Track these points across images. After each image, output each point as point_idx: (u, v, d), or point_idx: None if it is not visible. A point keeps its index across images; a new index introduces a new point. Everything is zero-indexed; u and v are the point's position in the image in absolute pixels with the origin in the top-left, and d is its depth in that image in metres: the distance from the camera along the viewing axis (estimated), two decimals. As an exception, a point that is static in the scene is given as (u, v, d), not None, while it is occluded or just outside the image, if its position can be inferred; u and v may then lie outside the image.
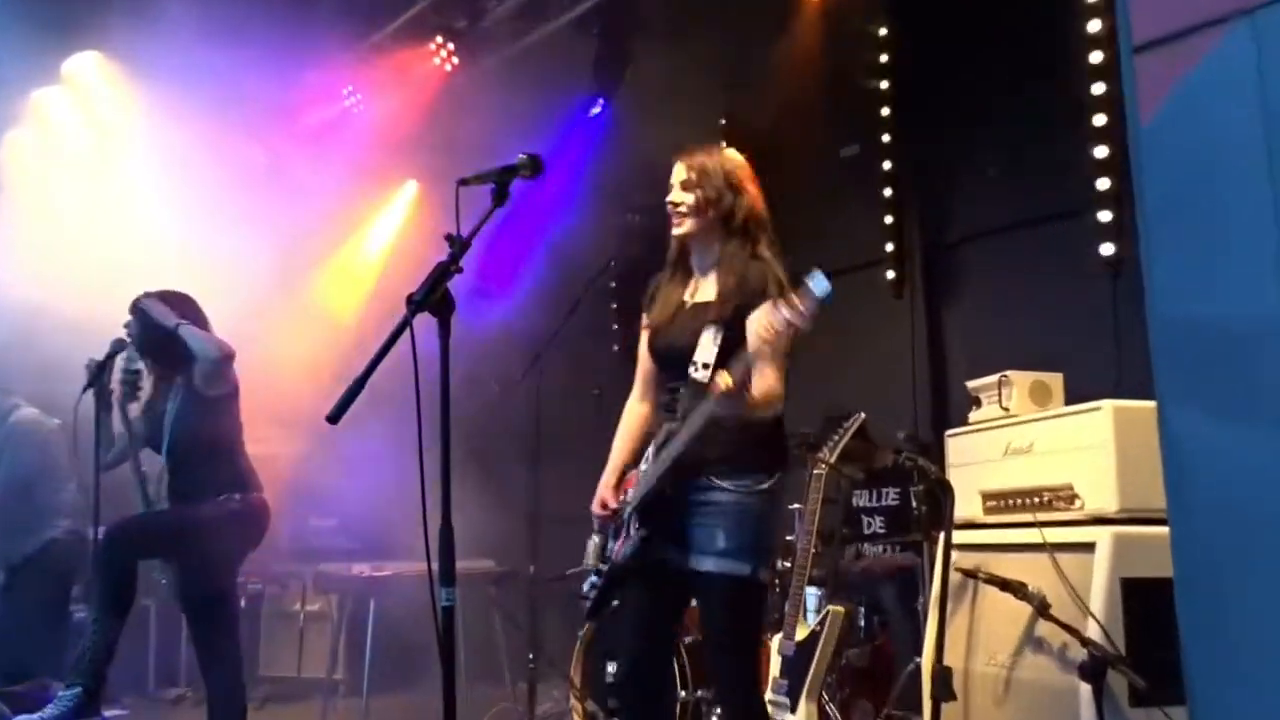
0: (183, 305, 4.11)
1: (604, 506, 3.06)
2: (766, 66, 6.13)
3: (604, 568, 3.03)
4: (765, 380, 2.78)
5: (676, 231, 2.98)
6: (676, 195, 2.96)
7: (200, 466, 4.02)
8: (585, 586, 3.12)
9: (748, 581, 2.85)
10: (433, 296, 2.34)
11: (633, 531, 2.94)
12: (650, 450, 2.99)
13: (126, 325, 4.13)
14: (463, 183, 2.48)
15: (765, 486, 2.88)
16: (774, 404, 2.83)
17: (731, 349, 2.77)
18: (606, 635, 4.78)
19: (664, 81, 6.19)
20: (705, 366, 2.83)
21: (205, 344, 3.96)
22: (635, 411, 3.16)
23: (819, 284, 2.53)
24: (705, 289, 2.99)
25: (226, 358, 3.97)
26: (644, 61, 6.42)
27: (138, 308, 4.09)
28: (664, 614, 3.04)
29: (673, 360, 2.96)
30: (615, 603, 3.07)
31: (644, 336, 3.12)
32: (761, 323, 2.62)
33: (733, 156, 3.02)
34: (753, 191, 2.97)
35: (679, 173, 2.98)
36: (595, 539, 3.16)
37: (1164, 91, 1.56)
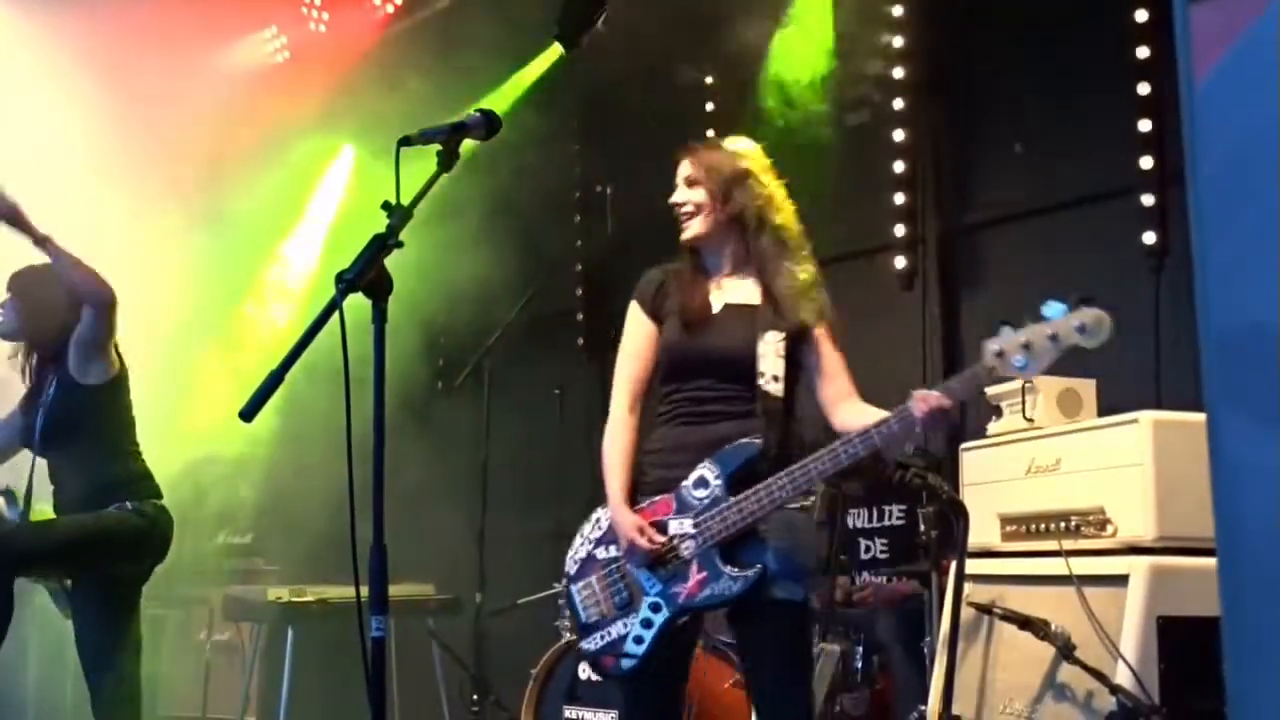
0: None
1: (649, 539, 2.94)
2: (758, 18, 6.12)
3: (651, 616, 2.94)
4: None
5: (685, 235, 3.10)
6: (680, 194, 3.09)
7: (83, 469, 3.97)
8: (599, 641, 3.00)
9: (804, 605, 2.97)
10: (367, 275, 2.32)
11: (725, 570, 2.88)
12: (709, 469, 2.93)
13: (2, 305, 4.08)
14: (405, 142, 2.47)
15: (808, 504, 3.09)
16: None
17: (795, 364, 2.99)
18: (564, 674, 4.77)
19: (640, 33, 6.18)
20: (776, 379, 2.95)
21: (89, 279, 3.83)
22: (629, 426, 3.09)
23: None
24: (739, 291, 3.08)
25: (107, 303, 3.86)
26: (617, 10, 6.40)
27: (19, 284, 4.05)
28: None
29: (713, 366, 3.01)
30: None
31: (643, 335, 3.13)
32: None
33: (743, 149, 3.13)
34: (766, 185, 3.07)
35: (683, 169, 3.10)
36: (594, 582, 3.04)
37: (1223, 46, 1.55)
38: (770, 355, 2.96)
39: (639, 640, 2.94)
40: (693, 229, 3.07)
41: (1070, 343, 2.61)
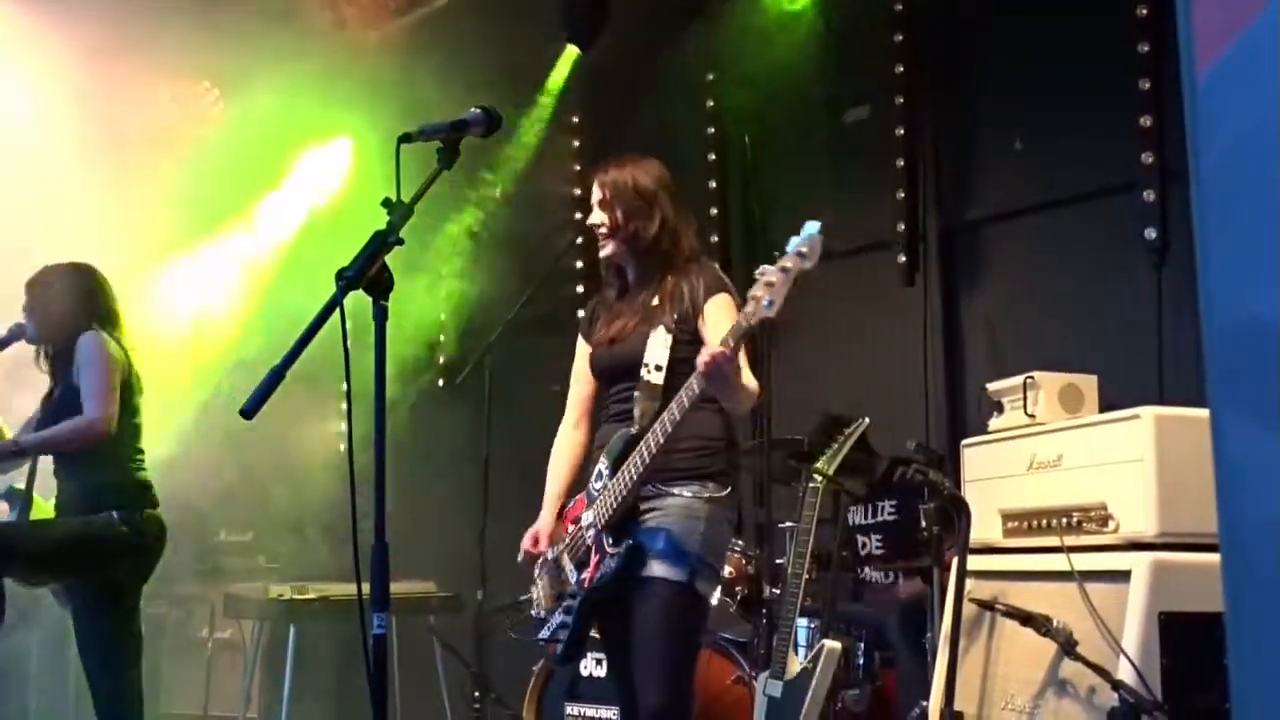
0: (89, 288, 4.08)
1: (535, 543, 3.27)
2: (760, 13, 6.12)
3: (571, 603, 3.16)
4: (744, 369, 3.01)
5: (601, 254, 3.32)
6: (595, 216, 3.29)
7: (79, 471, 3.97)
8: (546, 631, 3.26)
9: (685, 589, 3.03)
10: (368, 272, 2.32)
11: (609, 549, 3.06)
12: (603, 462, 3.15)
13: (24, 311, 4.10)
14: (405, 139, 2.47)
15: (719, 495, 3.12)
16: (754, 394, 3.06)
17: (682, 353, 3.10)
18: (566, 671, 4.77)
19: (640, 29, 6.18)
20: (658, 368, 3.12)
21: (78, 440, 3.91)
22: (572, 439, 3.42)
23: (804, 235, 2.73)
24: (646, 299, 3.28)
25: (102, 435, 3.92)
26: (619, 6, 6.41)
27: (40, 286, 4.08)
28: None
29: (621, 370, 3.24)
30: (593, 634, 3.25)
31: (582, 358, 3.44)
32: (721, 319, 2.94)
33: (647, 167, 3.31)
34: (667, 203, 3.26)
35: (595, 191, 3.30)
36: (543, 579, 3.30)
37: (1227, 39, 1.55)
38: (657, 347, 3.14)
39: (565, 626, 3.19)
40: (605, 249, 3.29)
41: (796, 269, 2.72)
